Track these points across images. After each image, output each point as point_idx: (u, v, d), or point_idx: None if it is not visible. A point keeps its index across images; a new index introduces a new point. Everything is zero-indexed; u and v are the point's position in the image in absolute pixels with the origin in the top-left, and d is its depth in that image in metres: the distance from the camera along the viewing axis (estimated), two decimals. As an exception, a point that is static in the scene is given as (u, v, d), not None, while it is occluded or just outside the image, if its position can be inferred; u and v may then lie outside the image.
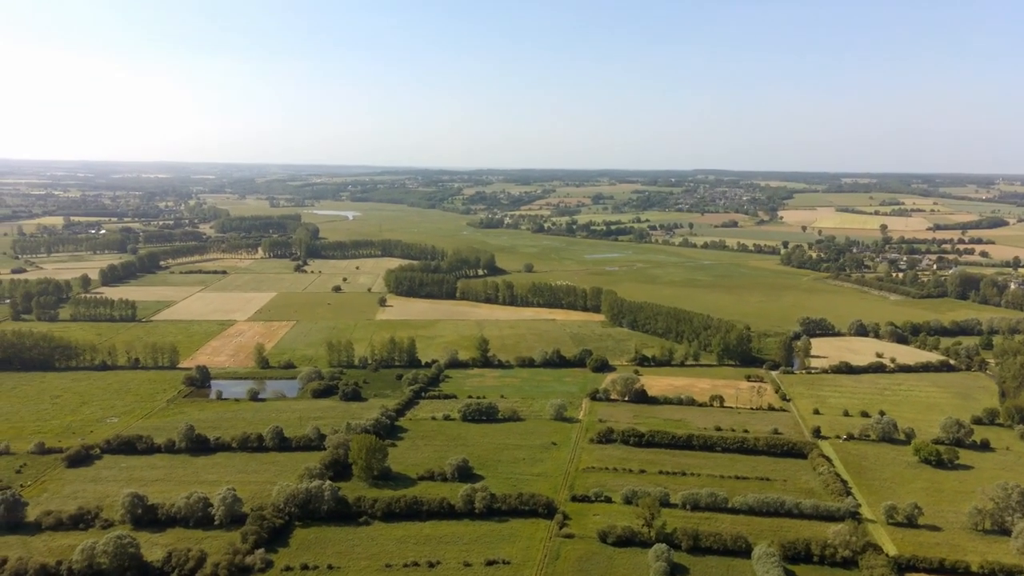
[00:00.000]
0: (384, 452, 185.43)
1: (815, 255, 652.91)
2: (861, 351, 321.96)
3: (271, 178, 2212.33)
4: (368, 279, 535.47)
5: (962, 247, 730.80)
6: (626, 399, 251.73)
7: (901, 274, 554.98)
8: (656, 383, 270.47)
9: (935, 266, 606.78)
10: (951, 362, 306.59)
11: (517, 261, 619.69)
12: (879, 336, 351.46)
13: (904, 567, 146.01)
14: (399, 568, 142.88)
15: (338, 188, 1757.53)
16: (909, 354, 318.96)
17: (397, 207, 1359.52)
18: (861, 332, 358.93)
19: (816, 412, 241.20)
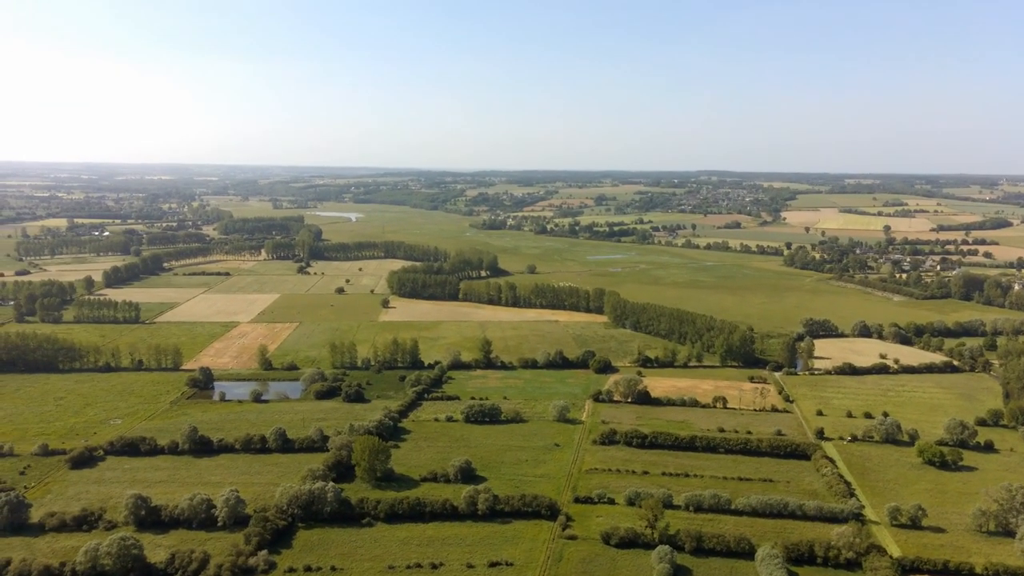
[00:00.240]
0: (387, 453, 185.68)
1: (818, 256, 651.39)
2: (864, 352, 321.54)
3: (274, 180, 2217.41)
4: (371, 280, 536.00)
5: (966, 248, 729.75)
6: (629, 400, 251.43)
7: (905, 275, 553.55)
8: (659, 384, 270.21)
9: (939, 267, 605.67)
10: (955, 363, 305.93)
11: (520, 262, 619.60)
12: (882, 337, 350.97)
13: (908, 569, 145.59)
14: (402, 569, 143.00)
15: (341, 190, 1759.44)
16: (913, 355, 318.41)
17: (400, 208, 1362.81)
18: (864, 333, 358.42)
19: (819, 413, 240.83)
